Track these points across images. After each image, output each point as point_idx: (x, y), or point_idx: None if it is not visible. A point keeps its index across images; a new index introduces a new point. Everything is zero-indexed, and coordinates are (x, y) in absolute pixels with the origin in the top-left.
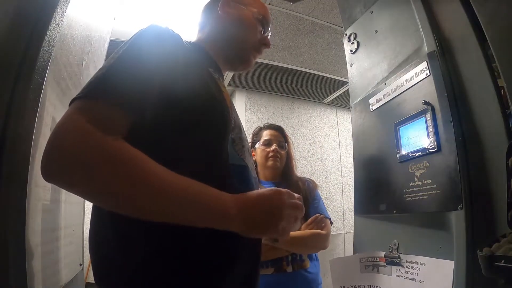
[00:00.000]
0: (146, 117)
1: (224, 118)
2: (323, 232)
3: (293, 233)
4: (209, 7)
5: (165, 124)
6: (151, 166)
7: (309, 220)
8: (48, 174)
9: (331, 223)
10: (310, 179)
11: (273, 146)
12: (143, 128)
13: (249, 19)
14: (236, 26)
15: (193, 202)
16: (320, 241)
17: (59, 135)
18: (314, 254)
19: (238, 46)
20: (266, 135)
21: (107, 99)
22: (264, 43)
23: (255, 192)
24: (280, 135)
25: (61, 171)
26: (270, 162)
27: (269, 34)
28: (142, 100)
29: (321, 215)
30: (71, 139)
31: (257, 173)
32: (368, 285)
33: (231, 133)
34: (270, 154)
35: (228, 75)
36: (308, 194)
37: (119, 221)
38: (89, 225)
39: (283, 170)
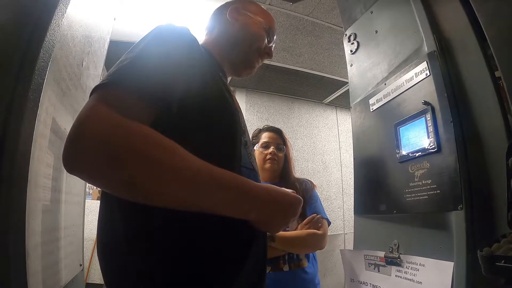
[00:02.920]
0: (164, 116)
1: (235, 120)
2: (319, 232)
3: (289, 233)
4: (218, 12)
5: (180, 123)
6: (184, 154)
7: (306, 220)
8: (73, 165)
9: (329, 223)
10: (308, 179)
11: (271, 149)
12: (161, 127)
13: (256, 26)
14: (243, 32)
15: (223, 188)
16: (316, 241)
17: (85, 123)
18: (312, 255)
19: (245, 51)
20: (264, 137)
21: (131, 88)
22: (267, 52)
23: (280, 191)
24: (278, 138)
25: (88, 162)
26: (267, 165)
27: (273, 46)
28: (164, 92)
29: (318, 215)
30: (99, 128)
31: None
32: (370, 284)
33: (243, 136)
34: (268, 156)
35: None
36: (305, 194)
37: (128, 222)
38: (89, 226)
39: (281, 172)
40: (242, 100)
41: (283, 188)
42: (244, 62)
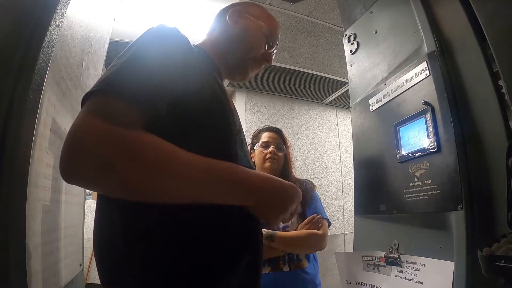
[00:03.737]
0: (157, 119)
1: (230, 120)
2: (319, 232)
3: (289, 233)
4: (221, 13)
5: (174, 126)
6: (174, 151)
7: (306, 220)
8: (70, 175)
9: (330, 223)
10: (308, 180)
11: (271, 148)
12: (154, 129)
13: (255, 32)
14: (240, 37)
15: (220, 177)
16: (316, 241)
17: (77, 135)
18: (312, 255)
19: (239, 56)
20: (264, 137)
21: (122, 95)
22: (266, 59)
23: (276, 179)
24: (278, 138)
25: (83, 171)
26: (267, 164)
27: (274, 51)
28: (155, 97)
29: (318, 216)
30: (90, 138)
31: None
32: (369, 284)
33: (238, 135)
34: (268, 156)
35: None
36: (305, 194)
37: (125, 222)
38: (89, 226)
39: (281, 171)
40: (242, 100)
41: (279, 178)
42: (238, 68)
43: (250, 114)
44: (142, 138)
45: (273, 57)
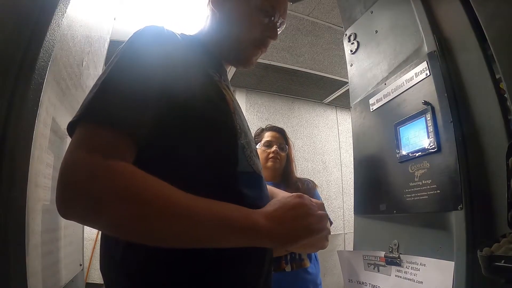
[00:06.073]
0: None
1: (226, 124)
2: None
3: None
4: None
5: (166, 133)
6: (169, 192)
7: None
8: (63, 213)
9: (331, 223)
10: (309, 179)
11: (274, 148)
12: (147, 145)
13: (242, 10)
14: (226, 23)
15: (223, 225)
16: (319, 240)
17: (66, 173)
18: (314, 255)
19: (233, 44)
20: (267, 136)
21: (110, 122)
22: (268, 35)
23: (277, 202)
24: (281, 137)
25: (73, 210)
26: (269, 163)
27: (280, 21)
28: (146, 115)
29: None
30: (76, 179)
31: None
32: (370, 284)
33: (239, 139)
34: (270, 155)
35: (228, 75)
36: (307, 193)
37: None
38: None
39: (283, 171)
40: (242, 100)
41: (282, 201)
42: (236, 56)
43: (250, 114)
44: (134, 176)
45: (278, 28)
